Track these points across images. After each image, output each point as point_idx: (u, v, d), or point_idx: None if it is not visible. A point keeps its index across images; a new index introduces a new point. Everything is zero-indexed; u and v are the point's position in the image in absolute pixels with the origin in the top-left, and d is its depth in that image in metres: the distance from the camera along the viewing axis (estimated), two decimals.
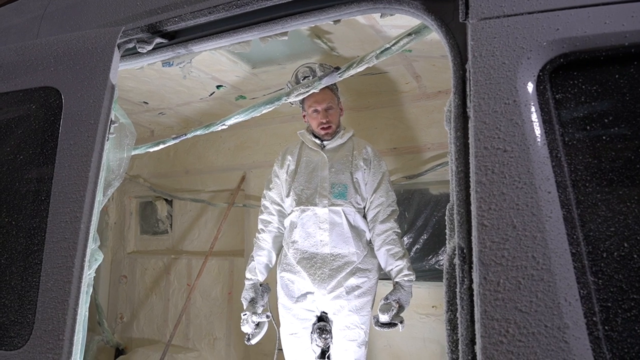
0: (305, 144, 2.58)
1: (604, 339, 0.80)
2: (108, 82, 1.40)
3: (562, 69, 0.92)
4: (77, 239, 1.26)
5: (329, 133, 2.48)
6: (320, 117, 2.46)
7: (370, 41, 2.50)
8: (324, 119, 2.45)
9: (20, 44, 1.64)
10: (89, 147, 1.34)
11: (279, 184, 2.58)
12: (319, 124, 2.47)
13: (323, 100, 2.44)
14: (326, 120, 2.45)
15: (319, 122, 2.47)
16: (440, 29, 1.13)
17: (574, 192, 0.87)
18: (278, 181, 2.58)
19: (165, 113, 4.06)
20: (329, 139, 2.51)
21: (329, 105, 2.46)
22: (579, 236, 0.85)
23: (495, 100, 0.94)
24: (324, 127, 2.46)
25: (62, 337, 1.20)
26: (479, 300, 0.87)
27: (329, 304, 2.41)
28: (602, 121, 0.89)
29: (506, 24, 0.97)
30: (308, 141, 2.55)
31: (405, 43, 1.47)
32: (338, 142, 2.52)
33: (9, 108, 1.56)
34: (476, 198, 0.91)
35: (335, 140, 2.52)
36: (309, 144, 2.54)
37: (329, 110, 2.46)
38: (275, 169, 2.61)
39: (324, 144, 2.52)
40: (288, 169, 2.55)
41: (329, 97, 2.45)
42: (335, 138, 2.51)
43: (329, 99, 2.45)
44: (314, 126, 2.50)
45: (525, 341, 0.81)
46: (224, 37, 1.47)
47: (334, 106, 2.48)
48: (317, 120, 2.47)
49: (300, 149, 2.59)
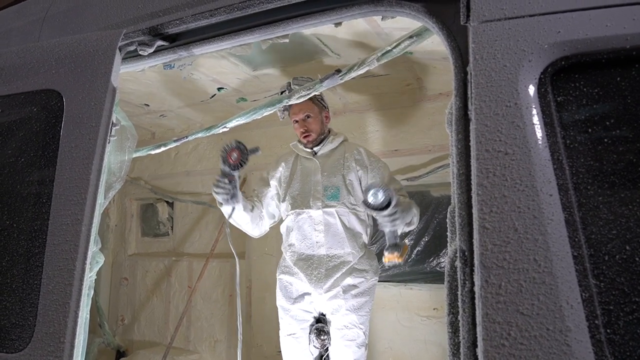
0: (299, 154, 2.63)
1: (606, 342, 0.80)
2: (109, 84, 1.40)
3: (563, 72, 0.92)
4: (78, 242, 1.26)
5: (309, 141, 2.55)
6: (299, 126, 2.54)
7: (370, 43, 2.50)
8: (302, 128, 2.53)
9: (22, 47, 1.64)
10: (90, 149, 1.34)
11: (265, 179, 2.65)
12: (300, 133, 2.56)
13: (300, 111, 2.51)
14: (305, 129, 2.53)
15: (300, 132, 2.55)
16: (442, 32, 1.13)
17: (575, 194, 0.87)
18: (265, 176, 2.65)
19: (166, 115, 4.06)
20: (311, 147, 2.58)
21: (307, 114, 2.53)
22: (580, 239, 0.84)
23: (497, 102, 0.94)
24: (304, 135, 2.54)
25: (63, 340, 1.20)
26: (480, 303, 0.87)
27: (326, 304, 2.42)
28: (604, 124, 0.89)
29: (507, 26, 0.97)
30: (300, 151, 2.63)
31: (407, 45, 1.47)
32: (329, 148, 2.58)
33: (11, 110, 1.56)
34: (477, 201, 0.91)
35: (326, 146, 2.58)
36: (301, 153, 2.63)
37: (307, 119, 2.53)
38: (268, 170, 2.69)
39: (315, 151, 2.57)
40: (282, 176, 2.63)
41: (307, 107, 2.51)
42: (324, 144, 2.58)
43: (306, 109, 2.51)
44: (299, 136, 2.59)
45: (527, 344, 0.81)
46: (226, 39, 1.47)
47: (312, 115, 2.54)
48: (298, 130, 2.56)
49: (296, 159, 2.67)
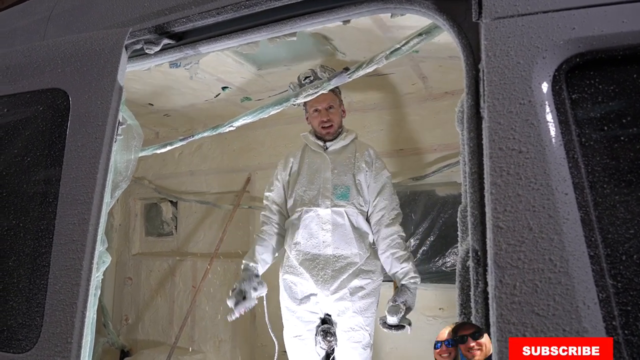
0: (308, 146, 2.58)
1: (624, 343, 0.78)
2: (116, 83, 1.39)
3: (578, 69, 0.91)
4: (85, 241, 1.25)
5: (330, 132, 2.50)
6: (321, 115, 2.48)
7: (377, 42, 2.49)
8: (324, 117, 2.48)
9: (27, 46, 1.64)
10: (97, 148, 1.33)
11: (279, 186, 2.60)
12: (320, 122, 2.49)
13: (324, 100, 2.46)
14: (327, 118, 2.48)
15: (320, 121, 2.49)
16: (452, 29, 1.11)
17: (591, 193, 0.85)
18: (278, 184, 2.60)
19: (170, 115, 4.06)
20: (331, 139, 2.51)
21: (330, 104, 2.48)
22: (597, 238, 0.83)
23: (510, 100, 0.93)
24: (325, 125, 2.48)
25: (70, 340, 1.19)
26: (494, 303, 0.85)
27: (332, 306, 2.40)
28: (620, 121, 0.87)
29: (521, 23, 0.96)
30: (311, 143, 2.56)
31: (416, 43, 1.45)
32: (341, 144, 2.53)
33: (17, 110, 1.55)
34: (491, 200, 0.90)
35: (338, 142, 2.53)
36: (312, 145, 2.55)
37: (329, 109, 2.48)
38: (278, 171, 2.63)
39: (327, 146, 2.52)
40: (291, 171, 2.57)
41: (330, 97, 2.47)
42: (337, 140, 2.53)
43: (329, 99, 2.47)
44: (315, 126, 2.52)
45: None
46: (233, 37, 1.46)
47: (334, 106, 2.50)
48: (318, 119, 2.49)
49: (303, 152, 2.60)
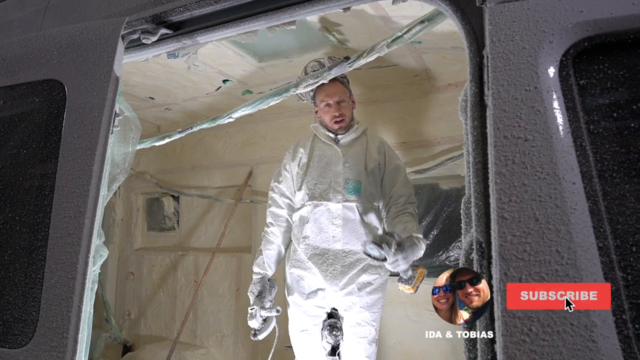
0: (318, 137, 2.53)
1: (635, 337, 0.75)
2: (112, 74, 1.37)
3: (586, 54, 0.88)
4: (81, 235, 1.23)
5: (342, 127, 2.44)
6: (333, 110, 2.41)
7: (379, 33, 2.45)
8: (336, 112, 2.41)
9: (24, 37, 1.61)
10: (93, 140, 1.31)
11: (288, 177, 2.54)
12: (332, 117, 2.42)
13: (335, 94, 2.40)
14: (339, 113, 2.41)
15: (332, 116, 2.42)
16: (456, 14, 1.08)
17: (600, 183, 0.82)
18: (288, 175, 2.54)
19: (171, 108, 4.03)
20: (343, 133, 2.47)
21: (341, 98, 2.42)
22: (606, 229, 0.80)
23: (515, 87, 0.89)
24: (337, 120, 2.42)
25: (67, 335, 1.17)
26: (499, 297, 0.83)
27: (340, 301, 2.37)
28: (630, 108, 0.84)
29: (526, 6, 0.92)
30: (322, 135, 2.50)
31: (418, 31, 1.42)
32: (352, 137, 2.48)
33: (13, 102, 1.53)
34: (496, 190, 0.87)
35: (350, 135, 2.47)
36: (323, 137, 2.50)
37: (341, 103, 2.42)
38: (286, 162, 2.56)
39: (338, 138, 2.47)
40: (300, 162, 2.51)
41: (341, 90, 2.42)
42: (349, 132, 2.47)
43: (340, 92, 2.42)
44: (327, 120, 2.46)
45: (549, 340, 0.77)
46: (231, 26, 1.43)
47: (345, 99, 2.44)
48: (329, 114, 2.43)
49: (313, 142, 2.54)
